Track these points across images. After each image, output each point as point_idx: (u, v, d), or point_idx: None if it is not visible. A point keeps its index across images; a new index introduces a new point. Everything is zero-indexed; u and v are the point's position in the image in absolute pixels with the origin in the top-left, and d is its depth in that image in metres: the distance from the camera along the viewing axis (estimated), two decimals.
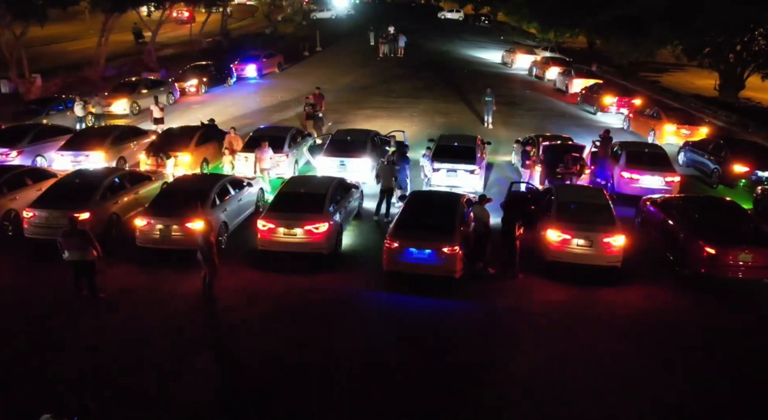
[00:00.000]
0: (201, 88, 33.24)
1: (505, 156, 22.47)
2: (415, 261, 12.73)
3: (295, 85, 36.02)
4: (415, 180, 19.30)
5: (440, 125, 26.69)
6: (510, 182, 16.66)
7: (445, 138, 19.64)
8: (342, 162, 18.51)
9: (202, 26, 48.32)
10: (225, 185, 15.33)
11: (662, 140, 23.89)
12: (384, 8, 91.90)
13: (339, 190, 15.27)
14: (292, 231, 13.64)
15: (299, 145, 20.41)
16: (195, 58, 41.15)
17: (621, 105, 28.97)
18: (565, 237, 13.25)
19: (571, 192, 14.83)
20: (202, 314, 11.96)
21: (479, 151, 18.88)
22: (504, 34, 66.60)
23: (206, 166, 19.87)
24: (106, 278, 12.68)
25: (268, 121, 27.30)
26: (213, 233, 12.40)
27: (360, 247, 15.07)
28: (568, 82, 34.34)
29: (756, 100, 36.32)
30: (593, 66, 39.81)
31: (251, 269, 13.78)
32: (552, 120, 28.56)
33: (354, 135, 19.91)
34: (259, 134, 20.05)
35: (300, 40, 50.73)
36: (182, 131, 20.37)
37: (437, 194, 14.87)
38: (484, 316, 12.08)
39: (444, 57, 47.91)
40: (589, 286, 13.26)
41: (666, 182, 17.55)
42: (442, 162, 18.02)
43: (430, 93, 33.94)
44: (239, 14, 73.74)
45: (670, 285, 13.32)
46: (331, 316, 11.84)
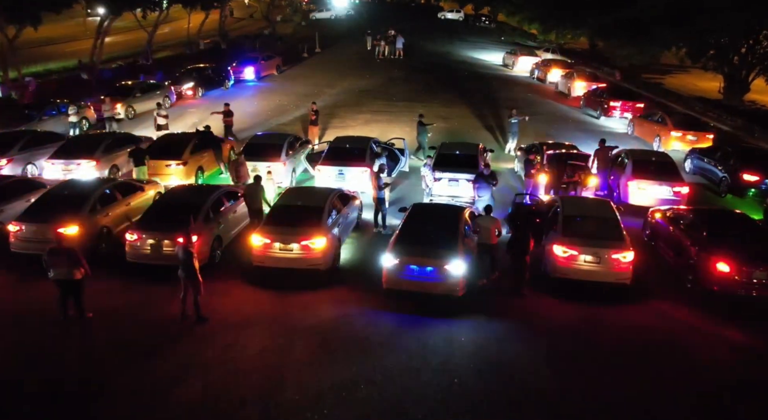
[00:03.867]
0: (198, 91, 32.74)
1: (508, 163, 21.97)
2: (416, 279, 12.22)
3: (293, 87, 35.53)
4: (415, 188, 18.84)
5: (441, 130, 26.16)
6: (514, 194, 16.13)
7: (447, 146, 19.13)
8: (341, 171, 18.00)
9: (199, 27, 47.77)
10: (219, 197, 14.82)
11: (668, 146, 23.39)
12: (384, 8, 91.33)
13: (337, 202, 14.76)
14: (289, 246, 13.13)
15: (297, 152, 19.89)
16: (192, 60, 40.67)
17: (625, 109, 28.46)
18: (572, 253, 12.74)
19: (577, 204, 14.31)
20: (189, 338, 11.41)
21: (481, 160, 18.37)
22: (504, 34, 66.10)
23: (201, 176, 19.34)
24: (94, 296, 12.15)
25: (266, 126, 26.81)
26: (195, 248, 11.92)
27: (359, 261, 14.56)
28: (571, 85, 33.84)
29: (761, 103, 35.81)
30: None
31: (246, 286, 13.27)
32: (555, 124, 28.06)
33: (353, 142, 19.40)
34: (256, 142, 19.52)
35: (299, 41, 50.22)
36: (176, 139, 19.81)
37: (439, 207, 14.36)
38: (489, 339, 11.55)
39: (444, 58, 47.40)
40: (597, 304, 12.75)
41: (674, 192, 17.04)
42: (444, 171, 17.50)
43: (431, 96, 33.42)
44: (239, 13, 73.19)
45: (682, 303, 12.79)
46: (330, 342, 11.29)
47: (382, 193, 15.77)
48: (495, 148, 23.48)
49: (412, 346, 11.03)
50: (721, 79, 35.47)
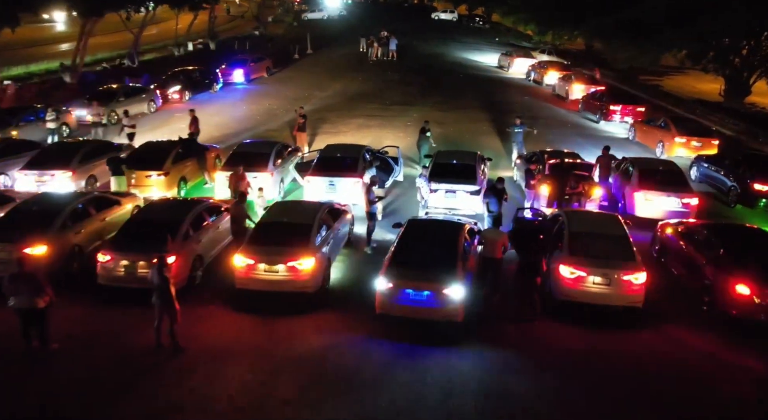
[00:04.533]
0: (185, 94, 31.68)
1: (507, 171, 21.02)
2: (413, 304, 11.27)
3: (284, 90, 34.52)
4: (411, 200, 17.88)
5: (437, 136, 25.06)
6: (516, 208, 15.16)
7: (443, 155, 18.15)
8: (331, 182, 17.01)
9: (188, 28, 46.65)
10: (200, 213, 13.81)
11: (671, 153, 22.53)
12: (376, 8, 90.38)
13: (327, 217, 13.78)
14: (274, 267, 12.14)
15: (285, 161, 18.90)
16: (181, 62, 39.57)
17: (625, 113, 27.59)
18: (580, 274, 11.82)
19: (584, 220, 13.37)
20: (163, 372, 10.40)
21: (480, 169, 17.44)
22: (499, 35, 65.26)
23: (184, 187, 18.32)
24: (62, 323, 11.14)
25: (254, 132, 25.80)
26: (173, 270, 10.95)
27: (351, 281, 13.58)
28: (569, 88, 32.96)
29: (761, 106, 35.09)
30: (596, 72, 38.42)
31: (228, 311, 12.27)
32: (553, 129, 27.14)
33: (344, 151, 18.40)
34: (241, 151, 18.50)
35: (290, 42, 49.18)
36: (157, 147, 18.76)
37: (436, 223, 13.37)
38: (492, 371, 10.61)
39: (438, 60, 46.48)
40: (606, 329, 11.83)
41: (683, 204, 16.15)
42: (440, 182, 16.54)
43: (425, 99, 32.49)
44: (235, 10, 72.01)
45: (698, 329, 11.87)
46: (318, 377, 10.31)
47: (374, 208, 14.79)
48: (493, 155, 22.54)
49: (408, 381, 10.07)
50: (720, 81, 34.72)
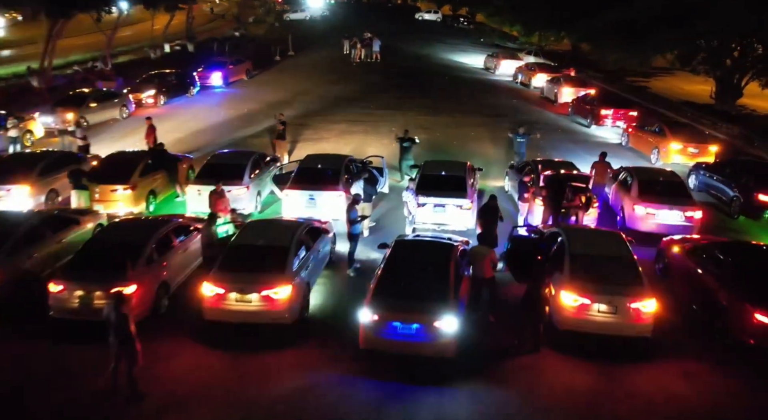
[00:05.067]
0: (159, 99, 30.32)
1: (497, 180, 19.98)
2: (400, 338, 10.15)
3: (264, 94, 33.25)
4: (397, 214, 16.75)
5: (423, 142, 24.04)
6: (512, 226, 14.03)
7: (431, 165, 17.04)
8: (311, 196, 15.84)
9: (164, 29, 45.12)
10: (167, 234, 12.57)
11: (667, 160, 21.63)
12: (360, 9, 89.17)
13: (306, 238, 12.62)
14: (247, 297, 10.96)
15: (263, 173, 17.70)
16: (157, 64, 38.12)
17: (617, 117, 26.70)
18: (584, 302, 10.77)
19: (585, 239, 12.31)
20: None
21: (470, 181, 16.37)
22: (484, 35, 64.39)
23: (153, 201, 17.04)
24: (6, 363, 9.90)
25: (232, 139, 24.54)
26: (134, 300, 9.76)
27: (332, 308, 12.44)
28: (558, 91, 32.04)
29: (751, 108, 34.40)
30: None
31: (195, 345, 11.06)
32: (543, 134, 26.12)
33: (325, 162, 17.21)
34: (215, 162, 17.27)
35: (272, 44, 47.85)
36: (123, 159, 17.46)
37: (425, 244, 12.24)
38: (489, 415, 9.52)
39: (423, 62, 45.43)
40: (612, 363, 10.79)
41: (686, 218, 15.18)
42: (428, 195, 15.45)
43: (410, 103, 31.37)
44: (218, 8, 70.38)
45: (711, 360, 10.87)
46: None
47: (356, 228, 13.60)
48: (483, 162, 21.50)
49: None
50: (709, 82, 33.97)
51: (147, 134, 20.87)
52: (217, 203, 14.63)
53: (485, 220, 13.48)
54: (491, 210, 13.55)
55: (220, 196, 14.87)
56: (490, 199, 13.70)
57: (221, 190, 15.03)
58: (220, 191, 14.98)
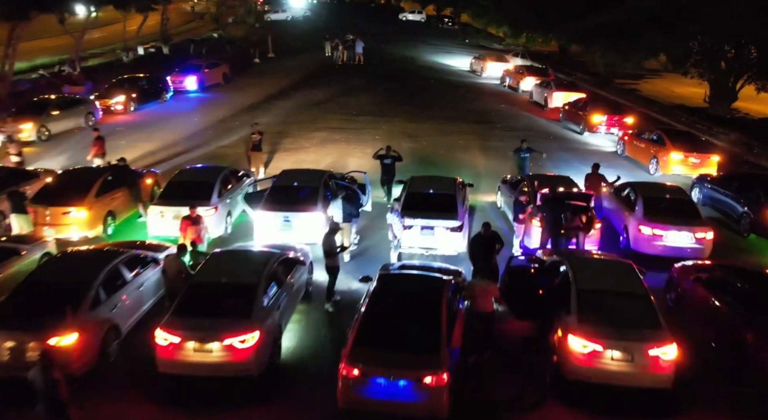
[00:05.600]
0: (129, 105, 28.62)
1: (488, 195, 18.60)
2: (386, 397, 8.70)
3: (241, 99, 31.65)
4: (380, 235, 15.29)
5: (408, 152, 22.62)
6: (509, 256, 12.58)
7: (417, 182, 15.58)
8: (286, 218, 14.32)
9: (137, 31, 43.25)
10: (117, 268, 11.01)
11: (667, 171, 20.42)
12: (342, 9, 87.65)
13: (279, 271, 11.14)
14: (207, 346, 9.45)
15: (234, 190, 16.16)
16: (130, 68, 36.32)
17: (611, 124, 25.46)
18: (595, 348, 9.40)
19: (592, 271, 10.93)
20: None
21: (461, 199, 14.97)
22: (469, 36, 63.22)
23: (112, 223, 15.44)
24: None
25: (205, 150, 22.96)
26: (75, 354, 8.27)
27: (308, 353, 10.95)
28: (548, 95, 30.79)
29: (744, 111, 33.44)
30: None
31: (147, 404, 9.52)
32: (534, 142, 24.69)
33: (302, 179, 15.69)
34: (180, 180, 15.69)
35: (251, 45, 46.18)
36: (78, 176, 15.83)
37: (413, 281, 10.77)
38: None
39: (407, 64, 44.05)
40: (628, 418, 9.43)
41: (697, 239, 13.90)
42: (415, 216, 14.02)
43: (395, 109, 29.95)
44: (183, 17, 68.37)
45: (740, 416, 9.54)
46: None
47: (336, 260, 12.10)
48: (471, 174, 20.16)
49: None
50: (698, 84, 32.94)
51: (93, 145, 19.16)
52: (191, 231, 12.99)
53: (482, 251, 12.01)
54: (489, 240, 12.10)
55: (194, 222, 13.18)
56: (485, 228, 12.20)
57: (197, 217, 13.31)
58: (195, 217, 13.26)
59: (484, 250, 11.91)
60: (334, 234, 12.07)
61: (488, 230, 12.07)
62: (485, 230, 12.05)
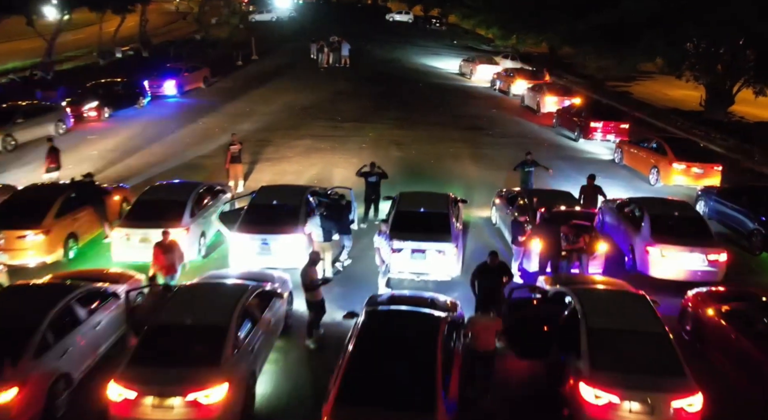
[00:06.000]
0: (103, 111, 27.24)
1: (481, 209, 17.47)
2: None
3: (222, 105, 30.36)
4: (366, 259, 14.10)
5: (396, 162, 21.56)
6: (510, 288, 11.40)
7: (406, 199, 14.40)
8: (264, 240, 13.11)
9: (114, 33, 41.71)
10: (69, 306, 9.74)
11: (668, 181, 19.44)
12: (329, 9, 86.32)
13: (253, 307, 9.93)
14: (167, 402, 8.23)
15: (208, 208, 14.91)
16: (105, 72, 34.84)
17: (607, 131, 24.45)
18: (611, 399, 8.28)
19: (602, 305, 9.77)
20: None
21: (455, 218, 13.82)
22: (457, 37, 62.23)
23: (74, 247, 14.13)
24: None
25: (182, 160, 21.67)
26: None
27: (285, 399, 9.75)
28: (540, 100, 29.76)
29: (739, 115, 32.58)
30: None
31: None
32: (528, 149, 23.74)
33: (282, 196, 14.46)
34: (148, 198, 14.40)
35: (234, 47, 44.79)
36: (36, 195, 14.49)
37: (405, 318, 9.59)
38: None
39: (395, 66, 42.88)
40: None
41: (709, 262, 12.86)
42: (405, 238, 12.86)
43: (382, 115, 28.79)
44: (166, 17, 66.77)
45: None
46: None
47: (316, 294, 10.88)
48: (464, 186, 19.07)
49: None
50: (695, 87, 32.04)
51: (46, 158, 17.84)
52: (163, 259, 11.66)
53: (488, 283, 10.84)
54: (496, 270, 10.93)
55: (167, 249, 11.84)
56: (491, 257, 10.98)
57: (170, 243, 11.91)
58: (168, 244, 11.91)
59: (489, 281, 10.75)
60: (314, 265, 10.85)
61: (495, 260, 10.88)
62: (491, 260, 10.87)
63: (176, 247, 11.72)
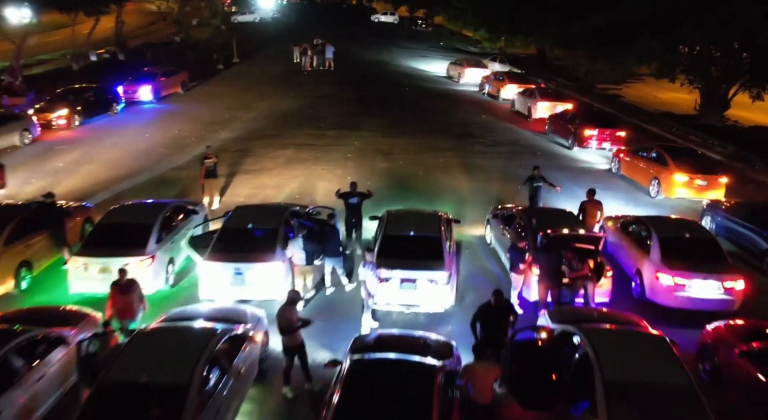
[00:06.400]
0: (73, 119, 25.82)
1: (474, 227, 16.29)
2: None
3: (200, 111, 29.02)
4: (346, 283, 12.89)
5: (383, 174, 20.42)
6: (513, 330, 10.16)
7: (394, 221, 13.16)
8: (238, 269, 11.84)
9: (88, 36, 40.09)
10: (6, 359, 8.42)
11: (671, 194, 18.42)
12: (313, 10, 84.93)
13: (221, 356, 8.67)
14: None
15: (177, 231, 13.61)
16: (78, 76, 33.30)
17: (602, 139, 23.41)
18: None
19: (618, 351, 8.58)
20: None
21: (448, 241, 12.64)
22: (443, 39, 61.17)
23: (27, 275, 12.78)
24: None
25: (154, 172, 20.36)
26: None
27: None
28: (532, 105, 28.69)
29: (734, 119, 31.76)
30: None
31: None
32: (521, 159, 22.72)
33: (259, 218, 13.18)
34: (111, 221, 13.06)
35: (215, 50, 43.35)
36: None
37: (394, 369, 8.32)
38: None
39: (381, 69, 41.70)
40: None
41: (726, 289, 11.78)
42: (393, 266, 11.66)
43: (367, 121, 27.58)
44: (146, 18, 65.03)
45: None
46: None
47: (296, 338, 9.59)
48: (454, 201, 17.94)
49: None
50: (690, 91, 31.15)
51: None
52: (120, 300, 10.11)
53: (492, 326, 9.62)
54: (500, 311, 9.71)
55: (125, 290, 10.21)
56: (496, 297, 9.73)
57: (128, 283, 10.25)
58: (126, 283, 10.25)
59: (493, 323, 9.55)
60: (293, 305, 9.60)
61: (500, 299, 9.62)
62: (496, 300, 9.61)
63: (135, 287, 10.25)
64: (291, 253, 12.39)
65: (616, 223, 14.77)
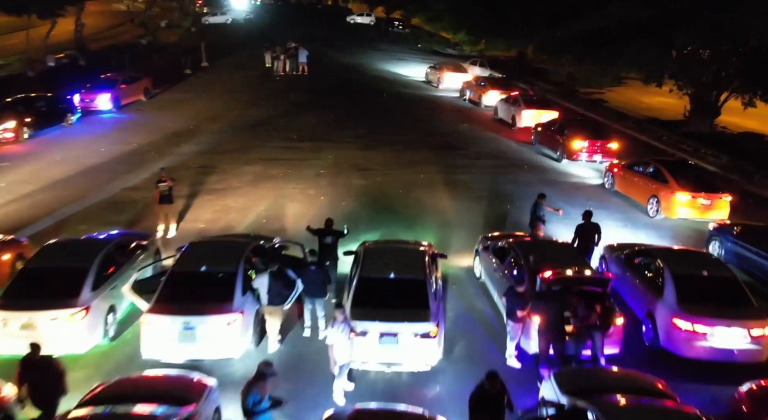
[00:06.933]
0: (22, 132, 23.66)
1: (461, 258, 14.60)
2: None
3: (162, 122, 26.97)
4: (315, 347, 11.12)
5: (359, 193, 18.71)
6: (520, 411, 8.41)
7: (371, 259, 11.36)
8: (188, 324, 10.01)
9: (45, 38, 37.66)
10: None
11: (671, 214, 16.97)
12: (287, 11, 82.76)
13: None
14: None
15: (121, 273, 11.71)
16: (34, 84, 30.94)
17: (593, 151, 21.93)
18: None
19: None
20: None
21: (433, 283, 10.94)
22: (421, 40, 59.64)
23: None
24: None
25: (107, 194, 18.42)
26: None
27: None
28: (516, 113, 27.19)
29: (722, 125, 30.65)
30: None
31: None
32: (507, 172, 21.17)
33: (215, 258, 11.33)
34: (39, 265, 11.14)
35: (184, 53, 41.17)
36: None
37: None
38: None
39: (357, 74, 39.94)
40: None
41: (753, 338, 10.27)
42: (370, 317, 9.95)
43: (343, 132, 25.83)
44: (112, 19, 62.47)
45: None
46: None
47: (262, 405, 7.83)
48: (438, 224, 16.30)
49: None
50: (679, 96, 30.02)
51: None
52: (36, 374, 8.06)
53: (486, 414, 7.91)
54: (494, 397, 7.97)
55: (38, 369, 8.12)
56: (490, 381, 7.93)
57: (41, 361, 8.18)
58: (39, 361, 8.18)
59: (488, 415, 7.84)
60: (261, 381, 7.78)
61: (494, 384, 7.87)
62: (490, 384, 7.87)
63: (53, 367, 8.26)
64: (258, 284, 10.69)
65: (619, 253, 13.22)
